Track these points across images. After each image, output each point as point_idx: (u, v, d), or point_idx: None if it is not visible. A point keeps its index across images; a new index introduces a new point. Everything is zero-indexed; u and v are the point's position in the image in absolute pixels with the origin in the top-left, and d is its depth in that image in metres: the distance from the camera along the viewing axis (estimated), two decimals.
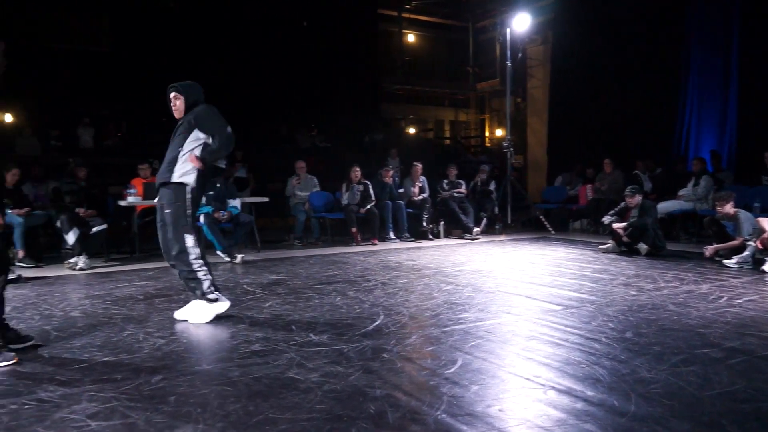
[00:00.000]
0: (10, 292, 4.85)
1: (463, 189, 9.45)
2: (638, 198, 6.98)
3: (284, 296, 4.74)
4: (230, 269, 6.27)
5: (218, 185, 7.04)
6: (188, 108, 4.00)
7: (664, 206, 8.11)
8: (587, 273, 5.64)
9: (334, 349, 3.24)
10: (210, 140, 3.93)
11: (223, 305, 3.99)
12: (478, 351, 3.17)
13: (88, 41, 14.13)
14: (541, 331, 3.58)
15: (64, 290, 5.20)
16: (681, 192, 8.31)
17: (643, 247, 6.77)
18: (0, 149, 10.89)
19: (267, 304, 4.44)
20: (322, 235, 8.75)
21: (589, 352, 3.13)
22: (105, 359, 3.13)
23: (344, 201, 8.43)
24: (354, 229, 8.27)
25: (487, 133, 22.79)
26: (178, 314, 4.02)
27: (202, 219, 6.61)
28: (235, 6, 14.26)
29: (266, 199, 8.35)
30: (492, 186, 9.97)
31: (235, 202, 7.20)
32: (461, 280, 5.38)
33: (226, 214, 6.95)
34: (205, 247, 6.47)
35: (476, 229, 8.90)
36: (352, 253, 7.44)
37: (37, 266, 6.43)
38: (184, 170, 3.91)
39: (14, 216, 6.41)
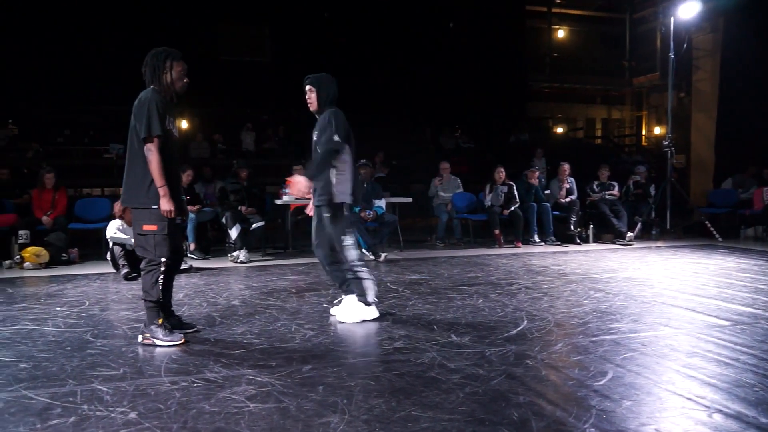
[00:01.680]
0: (182, 280, 5.45)
1: (615, 191, 8.90)
2: None
3: (426, 296, 4.79)
4: (374, 267, 6.46)
5: (366, 185, 7.30)
6: (322, 102, 3.95)
7: None
8: (762, 286, 5.03)
9: (475, 351, 3.20)
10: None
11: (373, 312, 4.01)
12: (631, 364, 2.96)
13: (251, 53, 15.42)
14: (705, 347, 3.25)
15: (227, 281, 5.71)
16: None
17: None
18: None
19: (409, 303, 4.51)
20: (464, 236, 8.72)
21: (764, 374, 2.79)
22: (261, 346, 3.39)
23: (487, 202, 8.32)
24: (497, 231, 8.13)
25: (643, 132, 21.29)
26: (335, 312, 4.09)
27: None
28: (382, 12, 14.71)
29: (409, 199, 8.51)
30: (651, 189, 9.25)
31: (380, 202, 7.42)
32: (612, 287, 5.06)
33: (372, 213, 7.18)
34: None
35: (630, 234, 8.32)
36: (494, 255, 7.32)
37: (205, 258, 7.13)
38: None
39: (188, 212, 7.16)
